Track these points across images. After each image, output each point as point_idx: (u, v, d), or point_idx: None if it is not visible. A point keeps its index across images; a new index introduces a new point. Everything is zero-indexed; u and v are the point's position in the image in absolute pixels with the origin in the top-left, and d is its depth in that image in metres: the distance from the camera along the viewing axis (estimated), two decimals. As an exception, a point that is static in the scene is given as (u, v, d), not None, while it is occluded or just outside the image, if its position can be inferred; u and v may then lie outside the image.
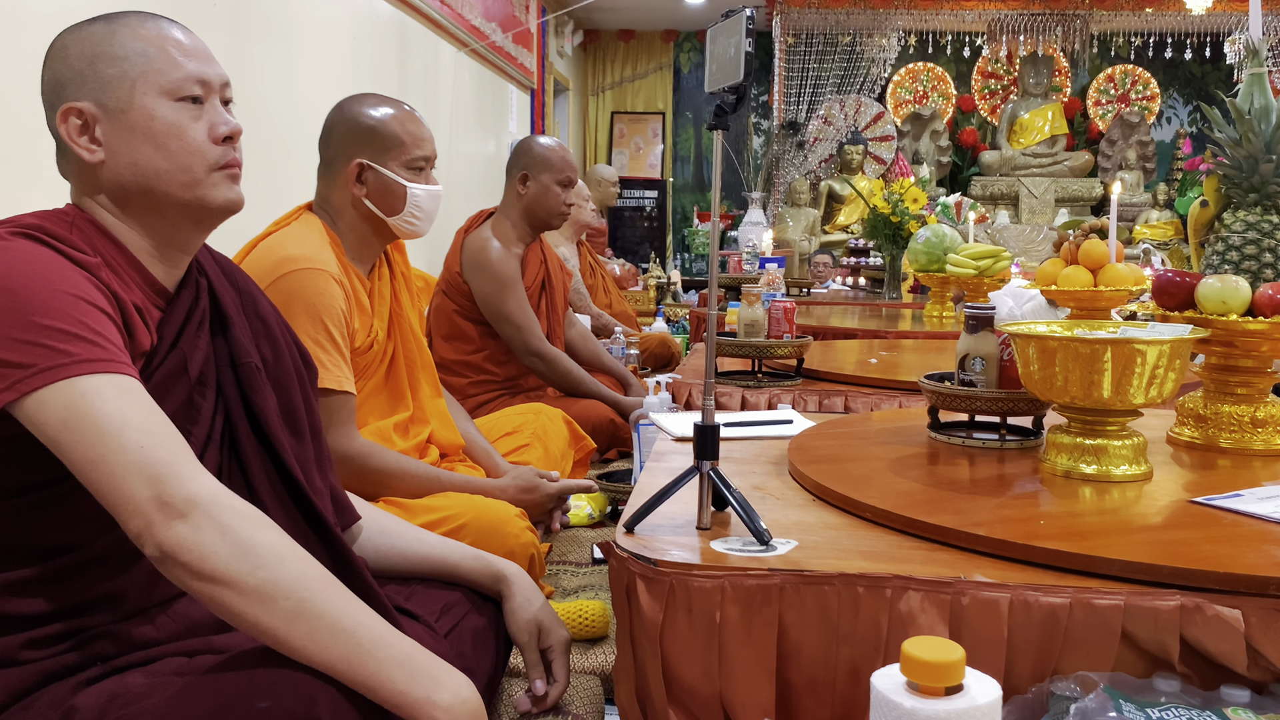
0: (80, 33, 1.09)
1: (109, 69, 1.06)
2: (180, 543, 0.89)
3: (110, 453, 0.90)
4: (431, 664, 0.95)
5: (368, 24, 4.12)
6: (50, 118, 1.08)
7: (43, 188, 2.16)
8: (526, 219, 2.87)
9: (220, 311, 1.16)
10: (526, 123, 7.11)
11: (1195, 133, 8.44)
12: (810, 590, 1.00)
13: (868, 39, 7.93)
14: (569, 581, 2.13)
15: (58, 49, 1.09)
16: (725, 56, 1.10)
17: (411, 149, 1.79)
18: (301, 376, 1.23)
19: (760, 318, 2.32)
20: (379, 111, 1.79)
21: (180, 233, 1.11)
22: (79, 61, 1.07)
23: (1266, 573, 0.94)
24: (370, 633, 0.93)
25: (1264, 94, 1.51)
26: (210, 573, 0.89)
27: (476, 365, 2.84)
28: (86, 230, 1.05)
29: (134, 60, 1.07)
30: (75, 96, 1.06)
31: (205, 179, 1.09)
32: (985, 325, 1.55)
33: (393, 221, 1.79)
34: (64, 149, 1.09)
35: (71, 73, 1.07)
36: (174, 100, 1.08)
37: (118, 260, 1.06)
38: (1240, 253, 1.49)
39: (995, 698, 0.75)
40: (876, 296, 5.28)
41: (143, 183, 1.07)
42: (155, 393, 1.01)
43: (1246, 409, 1.48)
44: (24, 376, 0.90)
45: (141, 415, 0.93)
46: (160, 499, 0.89)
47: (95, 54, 1.07)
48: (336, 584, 0.95)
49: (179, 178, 1.08)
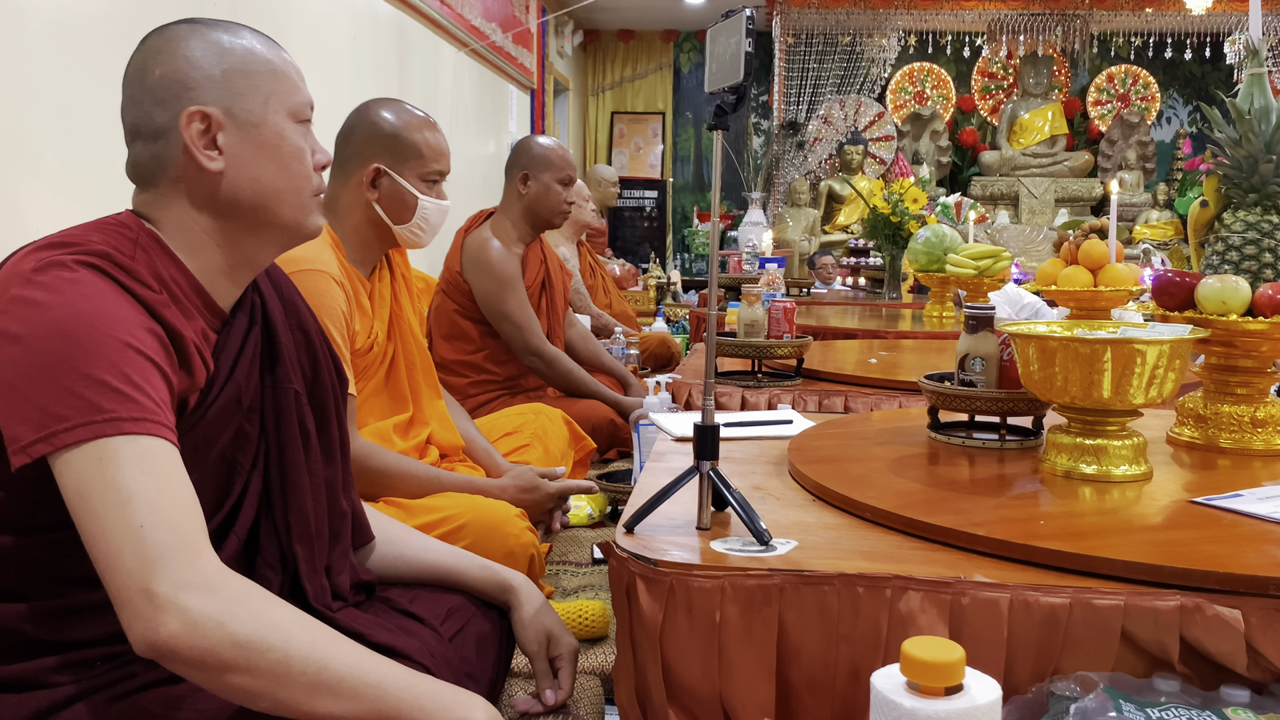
0: (202, 34, 1.05)
1: (242, 80, 1.04)
2: (171, 639, 0.83)
3: (109, 528, 0.85)
4: (456, 694, 0.95)
5: (368, 24, 4.12)
6: (154, 115, 1.03)
7: (42, 187, 2.16)
8: (527, 218, 2.87)
9: (271, 334, 1.14)
10: (526, 123, 7.11)
11: (1195, 133, 8.44)
12: (810, 590, 1.00)
13: (868, 39, 7.94)
14: (569, 581, 2.13)
15: (176, 44, 1.03)
16: (725, 56, 1.10)
17: (430, 162, 1.80)
18: (336, 391, 1.21)
19: (760, 318, 2.32)
20: (403, 119, 1.79)
21: (265, 252, 1.09)
22: (207, 63, 1.03)
23: (1266, 573, 0.94)
24: (394, 681, 0.91)
25: (1264, 94, 1.51)
26: (216, 664, 0.84)
27: (477, 365, 2.84)
28: (151, 251, 1.01)
29: (265, 75, 1.05)
30: (205, 100, 1.02)
31: (309, 204, 1.09)
32: (985, 325, 1.55)
33: (398, 229, 1.79)
34: (166, 152, 1.03)
35: (199, 74, 1.02)
36: (296, 122, 1.08)
37: (180, 285, 1.02)
38: (1240, 253, 1.49)
39: (995, 698, 0.75)
40: (876, 296, 5.28)
41: (258, 199, 1.05)
42: (211, 426, 1.01)
43: (1246, 409, 1.48)
44: (58, 430, 0.87)
45: (153, 487, 0.87)
46: (148, 591, 0.83)
47: (228, 60, 1.04)
48: (346, 640, 0.93)
49: (292, 199, 1.07)
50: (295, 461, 1.11)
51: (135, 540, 0.85)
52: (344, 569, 1.19)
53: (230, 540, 1.05)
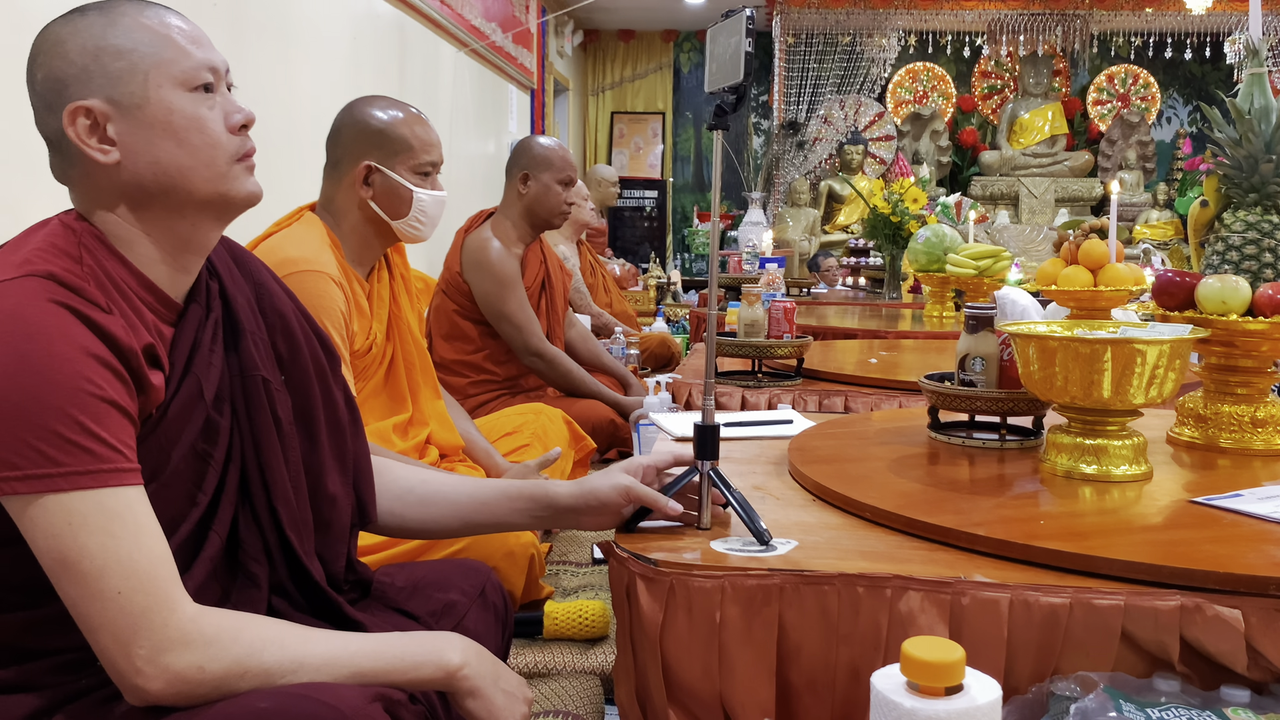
0: (74, 25, 1.00)
1: (116, 62, 0.98)
2: (158, 696, 0.89)
3: (87, 597, 0.88)
4: (426, 641, 1.02)
5: (368, 24, 4.12)
6: (46, 120, 1.00)
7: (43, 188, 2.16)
8: (527, 219, 2.87)
9: (233, 319, 1.10)
10: (526, 123, 7.11)
11: (1195, 133, 8.44)
12: (810, 590, 1.00)
13: (868, 39, 7.94)
14: (569, 581, 2.13)
15: (52, 44, 1.00)
16: (725, 56, 1.10)
17: (420, 154, 1.79)
18: (322, 369, 1.17)
19: (760, 318, 2.32)
20: (389, 114, 1.79)
21: (199, 232, 1.04)
22: (80, 56, 0.98)
23: (1266, 573, 0.94)
24: (366, 656, 0.98)
25: (1264, 94, 1.51)
26: (203, 700, 0.90)
27: (476, 365, 2.84)
28: (96, 251, 0.98)
29: (142, 51, 0.99)
30: (82, 94, 0.98)
31: (228, 172, 1.03)
32: (985, 325, 1.55)
33: (397, 225, 1.79)
34: (67, 152, 1.00)
35: (74, 69, 0.98)
36: (188, 91, 1.01)
37: (128, 283, 0.99)
38: (1240, 253, 1.49)
39: (995, 698, 0.75)
40: (876, 296, 5.28)
41: (164, 181, 1.00)
42: (173, 423, 0.99)
43: (1246, 409, 1.48)
44: (9, 477, 0.86)
45: (124, 551, 0.89)
46: (129, 656, 0.88)
47: (98, 47, 0.98)
48: (316, 631, 0.98)
49: (203, 172, 1.01)
50: (271, 449, 1.08)
51: (114, 609, 0.88)
52: (337, 557, 1.15)
53: (211, 539, 1.02)
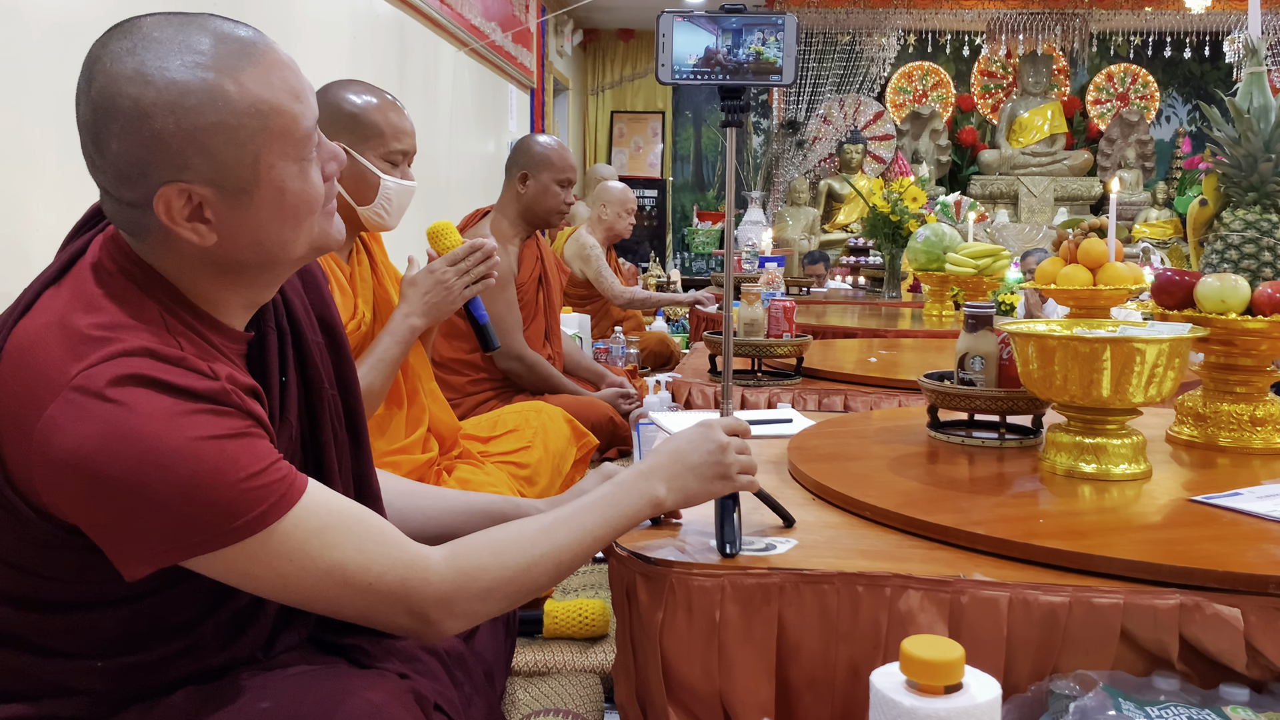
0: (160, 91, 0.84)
1: (222, 141, 0.86)
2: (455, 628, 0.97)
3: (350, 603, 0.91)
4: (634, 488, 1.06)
5: (368, 24, 4.12)
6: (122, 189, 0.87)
7: (43, 188, 2.16)
8: (525, 218, 2.87)
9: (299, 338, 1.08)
10: (526, 122, 7.11)
11: (1194, 131, 8.44)
12: (810, 589, 1.00)
13: (867, 38, 7.94)
14: (569, 581, 2.13)
15: (131, 113, 0.84)
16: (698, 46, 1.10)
17: (390, 141, 1.78)
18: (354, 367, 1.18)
19: (760, 317, 2.33)
20: (362, 99, 1.78)
21: (282, 279, 1.00)
22: (175, 138, 0.84)
23: (1265, 571, 0.94)
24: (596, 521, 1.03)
25: (1263, 93, 1.51)
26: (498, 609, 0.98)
27: (475, 364, 2.84)
28: (170, 307, 0.91)
29: (250, 128, 0.87)
30: (177, 175, 0.85)
31: (322, 226, 0.97)
32: (985, 324, 1.56)
33: (362, 211, 1.77)
34: (146, 223, 0.88)
35: (166, 151, 0.84)
36: (298, 162, 0.91)
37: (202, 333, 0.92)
38: (1239, 251, 1.49)
39: (995, 696, 0.75)
40: (876, 295, 5.28)
41: (265, 256, 0.93)
42: None
43: (1246, 408, 1.48)
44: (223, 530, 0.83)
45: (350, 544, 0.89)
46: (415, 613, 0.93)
47: (196, 126, 0.85)
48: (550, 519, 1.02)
49: (304, 238, 0.94)
50: (329, 460, 1.08)
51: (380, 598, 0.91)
52: None
53: None
